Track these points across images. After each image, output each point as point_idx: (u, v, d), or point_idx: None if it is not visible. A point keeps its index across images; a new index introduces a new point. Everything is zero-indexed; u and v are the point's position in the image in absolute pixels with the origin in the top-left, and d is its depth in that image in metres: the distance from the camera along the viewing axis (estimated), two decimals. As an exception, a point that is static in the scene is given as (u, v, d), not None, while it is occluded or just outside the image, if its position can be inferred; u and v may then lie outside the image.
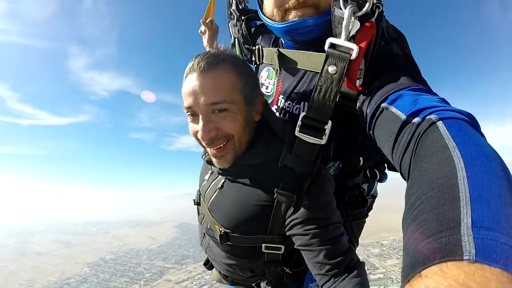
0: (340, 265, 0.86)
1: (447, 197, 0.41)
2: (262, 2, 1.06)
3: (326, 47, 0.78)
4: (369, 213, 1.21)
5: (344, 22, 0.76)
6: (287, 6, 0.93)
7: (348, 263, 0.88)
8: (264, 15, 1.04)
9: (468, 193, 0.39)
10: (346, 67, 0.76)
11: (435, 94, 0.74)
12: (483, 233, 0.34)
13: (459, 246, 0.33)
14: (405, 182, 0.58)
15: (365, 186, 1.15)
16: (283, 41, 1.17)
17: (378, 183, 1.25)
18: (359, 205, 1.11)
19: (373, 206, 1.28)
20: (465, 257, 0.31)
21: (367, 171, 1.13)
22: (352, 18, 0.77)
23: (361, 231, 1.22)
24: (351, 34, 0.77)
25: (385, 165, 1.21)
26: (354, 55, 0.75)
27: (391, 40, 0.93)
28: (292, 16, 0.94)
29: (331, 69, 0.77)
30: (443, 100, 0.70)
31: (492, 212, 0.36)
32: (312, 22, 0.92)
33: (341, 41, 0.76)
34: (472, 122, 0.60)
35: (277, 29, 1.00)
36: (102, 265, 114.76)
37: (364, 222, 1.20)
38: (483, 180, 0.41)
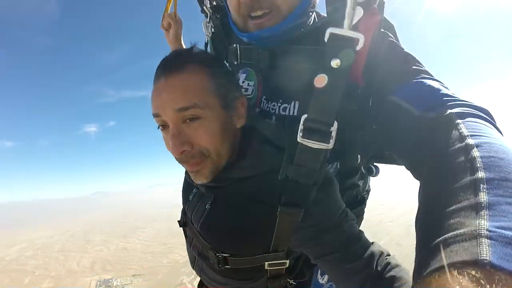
0: (370, 263, 0.73)
1: (465, 200, 0.40)
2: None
3: (326, 38, 0.67)
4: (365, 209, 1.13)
5: (347, 9, 0.65)
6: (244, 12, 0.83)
7: (378, 258, 0.75)
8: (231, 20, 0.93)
9: (487, 196, 0.39)
10: (352, 59, 0.66)
11: (442, 83, 0.68)
12: (501, 237, 0.33)
13: (475, 249, 0.33)
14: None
15: (360, 183, 1.07)
16: None
17: (371, 177, 1.16)
18: (358, 203, 1.04)
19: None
20: (481, 260, 0.31)
21: (362, 168, 1.06)
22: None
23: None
24: (353, 23, 0.67)
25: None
26: (360, 45, 0.65)
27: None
28: (252, 25, 0.84)
29: (334, 62, 0.65)
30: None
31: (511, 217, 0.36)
32: (268, 33, 0.82)
33: (344, 31, 0.65)
34: (489, 118, 0.56)
35: (243, 38, 0.90)
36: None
37: (362, 219, 1.11)
38: (503, 183, 0.40)
